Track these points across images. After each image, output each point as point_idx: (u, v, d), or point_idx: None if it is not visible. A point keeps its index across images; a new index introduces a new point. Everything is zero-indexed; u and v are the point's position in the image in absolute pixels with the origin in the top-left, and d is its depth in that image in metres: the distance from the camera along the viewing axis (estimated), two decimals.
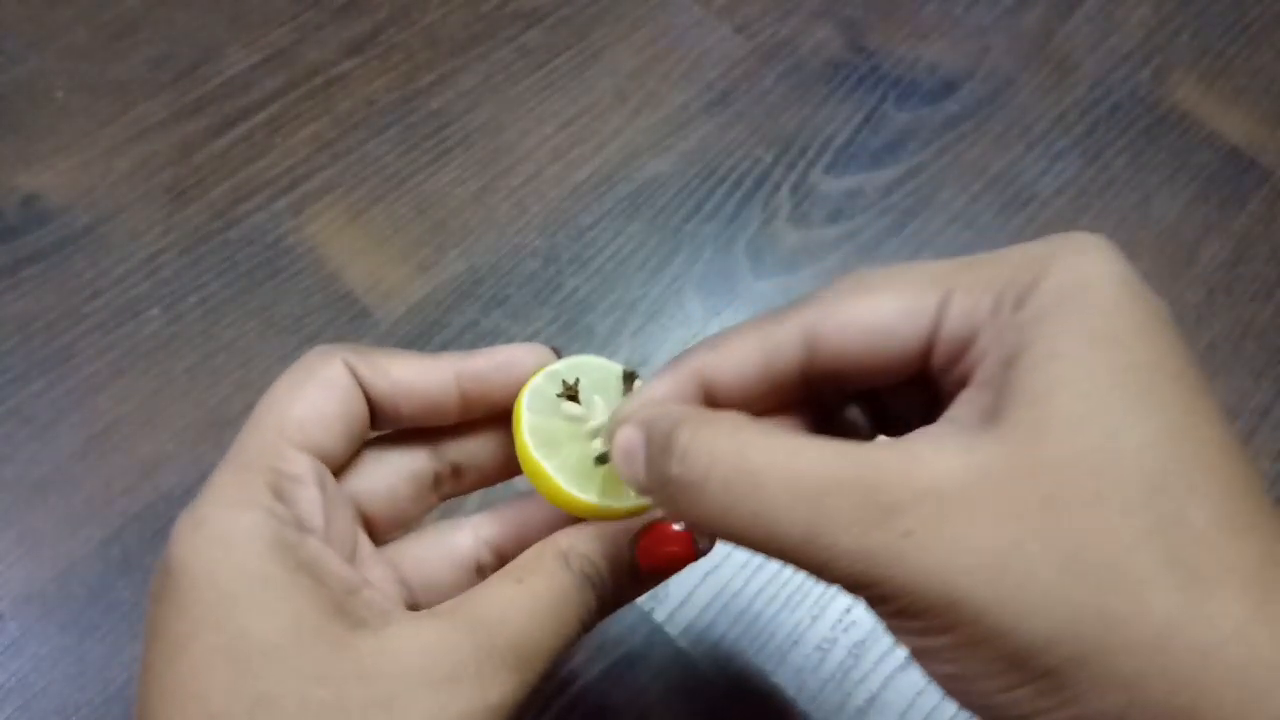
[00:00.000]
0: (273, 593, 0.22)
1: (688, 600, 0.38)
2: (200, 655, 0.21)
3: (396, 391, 0.26)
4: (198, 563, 0.22)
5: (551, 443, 0.27)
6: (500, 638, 0.23)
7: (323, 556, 0.23)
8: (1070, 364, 0.19)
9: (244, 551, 0.22)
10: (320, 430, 0.25)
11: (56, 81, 0.48)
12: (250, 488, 0.23)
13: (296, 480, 0.24)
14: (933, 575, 0.18)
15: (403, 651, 0.22)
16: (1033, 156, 0.50)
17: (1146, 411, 0.19)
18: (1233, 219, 0.48)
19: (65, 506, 0.38)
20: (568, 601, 0.24)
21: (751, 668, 0.37)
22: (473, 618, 0.23)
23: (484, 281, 0.44)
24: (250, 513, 0.23)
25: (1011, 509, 0.18)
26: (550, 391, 0.28)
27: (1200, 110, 0.52)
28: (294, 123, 0.48)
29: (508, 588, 0.24)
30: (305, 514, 0.24)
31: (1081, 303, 0.20)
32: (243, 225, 0.45)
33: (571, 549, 0.25)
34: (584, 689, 0.36)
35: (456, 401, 0.27)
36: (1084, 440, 0.18)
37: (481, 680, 0.22)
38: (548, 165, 0.48)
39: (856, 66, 0.52)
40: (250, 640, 0.21)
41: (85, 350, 0.41)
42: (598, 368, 0.29)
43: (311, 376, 0.25)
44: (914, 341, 0.21)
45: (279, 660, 0.21)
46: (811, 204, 0.47)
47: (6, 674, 0.35)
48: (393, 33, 0.51)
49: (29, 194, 0.45)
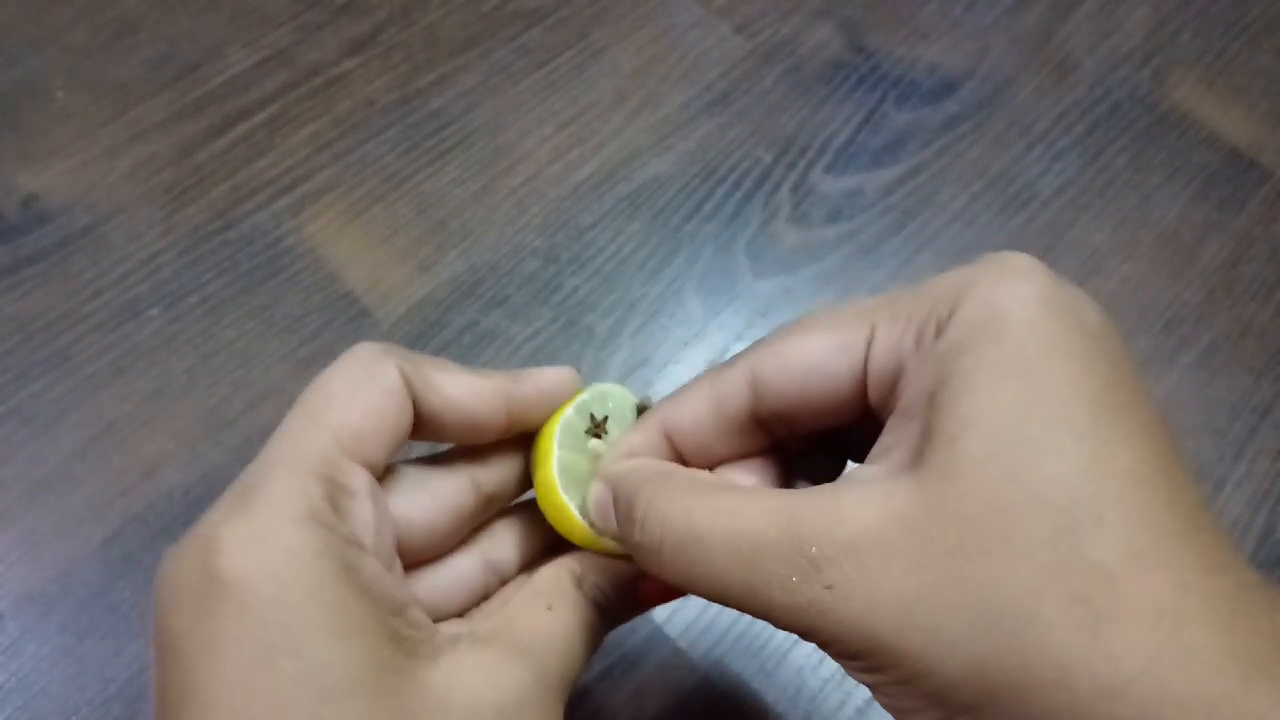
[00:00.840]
0: (348, 620, 0.20)
1: (688, 600, 0.38)
2: (277, 684, 0.19)
3: (447, 409, 0.25)
4: (264, 579, 0.20)
5: (578, 481, 0.27)
6: (550, 667, 0.23)
7: (379, 577, 0.22)
8: (980, 399, 0.19)
9: (315, 572, 0.20)
10: (375, 443, 0.24)
11: (56, 81, 0.48)
12: (311, 499, 0.21)
13: (353, 495, 0.23)
14: (855, 624, 0.19)
15: (471, 686, 0.22)
16: (1033, 156, 0.50)
17: (1054, 445, 0.19)
18: (1233, 219, 0.48)
19: (65, 506, 0.38)
20: (589, 628, 0.25)
21: (751, 668, 0.37)
22: (522, 647, 0.23)
23: (484, 281, 0.44)
24: (314, 527, 0.21)
25: (924, 557, 0.19)
26: (580, 427, 0.28)
27: (1200, 110, 0.52)
28: (294, 123, 0.48)
29: (542, 616, 0.24)
30: (360, 531, 0.23)
31: (993, 332, 0.20)
32: (243, 225, 0.45)
33: (585, 577, 0.25)
34: (584, 689, 0.36)
35: (501, 426, 0.26)
36: (991, 481, 0.19)
37: (544, 710, 0.22)
38: (548, 165, 0.48)
39: (856, 66, 0.52)
40: (331, 672, 0.20)
41: (85, 350, 0.41)
42: (616, 396, 0.29)
43: (369, 381, 0.24)
44: (847, 378, 0.22)
45: (360, 695, 0.20)
46: (811, 204, 0.47)
47: (6, 674, 0.35)
48: (393, 33, 0.51)
49: (29, 194, 0.45)
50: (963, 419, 0.19)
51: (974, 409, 0.19)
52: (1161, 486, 0.19)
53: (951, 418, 0.19)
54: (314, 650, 0.20)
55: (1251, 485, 0.41)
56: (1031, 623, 0.18)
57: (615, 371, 0.42)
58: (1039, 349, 0.19)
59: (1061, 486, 0.18)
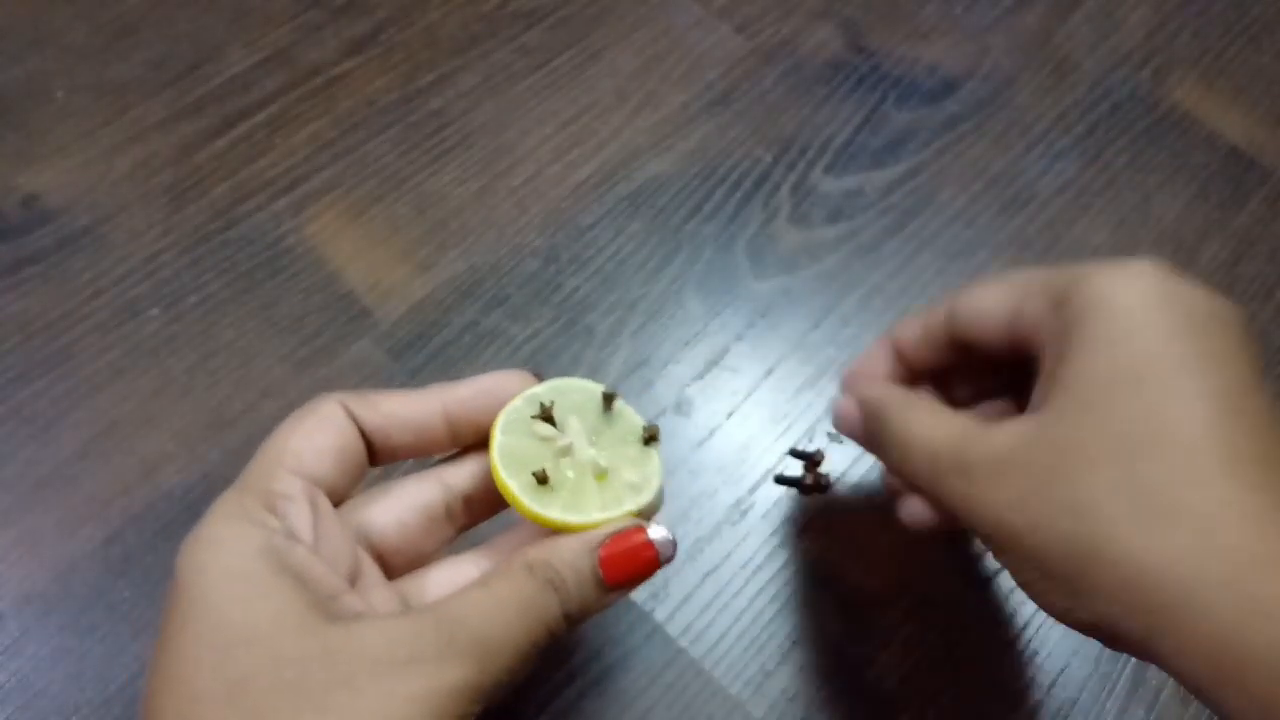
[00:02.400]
0: (257, 587, 0.24)
1: (688, 600, 0.38)
2: (187, 643, 0.24)
3: (388, 422, 0.29)
4: (192, 567, 0.25)
5: (520, 461, 0.29)
6: (462, 631, 0.25)
7: (309, 562, 0.25)
8: (1081, 362, 0.27)
9: (232, 554, 0.25)
10: (314, 458, 0.27)
11: (56, 81, 0.48)
12: (245, 504, 0.26)
13: (287, 498, 0.26)
14: (988, 512, 0.27)
15: (367, 638, 0.24)
16: (1033, 156, 0.50)
17: (1131, 399, 0.26)
18: (1233, 219, 0.48)
19: (65, 506, 0.38)
20: (530, 605, 0.26)
21: (752, 667, 0.37)
22: (438, 614, 0.25)
23: (484, 281, 0.44)
24: (242, 523, 0.25)
25: (1034, 470, 0.26)
26: (526, 413, 0.30)
27: (1200, 110, 0.52)
28: (294, 123, 0.48)
29: (474, 591, 0.26)
30: (296, 527, 0.26)
31: (1101, 312, 0.27)
32: (243, 225, 0.45)
33: (536, 559, 0.27)
34: (584, 689, 0.36)
35: (445, 430, 0.30)
36: (1085, 422, 0.26)
37: (440, 665, 0.24)
38: (548, 165, 0.48)
39: (856, 66, 0.52)
40: (231, 629, 0.23)
41: (85, 350, 0.41)
42: (578, 389, 0.31)
43: (308, 415, 0.28)
44: (1002, 324, 0.30)
45: (256, 646, 0.23)
46: (811, 204, 0.47)
47: (6, 674, 0.35)
48: (393, 33, 0.51)
49: (29, 194, 0.45)
50: (1073, 375, 0.27)
51: (1082, 369, 0.27)
52: (1216, 430, 0.25)
53: (1065, 374, 0.27)
54: (220, 614, 0.24)
55: None
56: (1098, 518, 0.25)
57: (615, 371, 0.42)
58: (1136, 328, 0.26)
59: (1135, 429, 0.25)
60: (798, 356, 0.43)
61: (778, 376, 0.43)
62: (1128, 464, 0.25)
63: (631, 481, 0.29)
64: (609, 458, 0.30)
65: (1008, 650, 0.37)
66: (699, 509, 0.40)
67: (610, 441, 0.30)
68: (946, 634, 0.38)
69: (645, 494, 0.29)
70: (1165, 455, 0.25)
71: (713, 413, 0.42)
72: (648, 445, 0.31)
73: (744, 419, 0.42)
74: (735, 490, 0.40)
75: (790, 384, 0.43)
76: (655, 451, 0.31)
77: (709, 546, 0.39)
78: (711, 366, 0.43)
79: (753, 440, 0.41)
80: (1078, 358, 0.26)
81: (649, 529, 0.28)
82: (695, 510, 0.40)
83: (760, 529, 0.39)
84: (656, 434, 0.31)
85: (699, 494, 0.40)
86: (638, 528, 0.28)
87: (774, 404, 0.42)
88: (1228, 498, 0.24)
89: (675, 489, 0.40)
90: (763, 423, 0.42)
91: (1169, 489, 0.24)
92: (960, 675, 0.37)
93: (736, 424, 0.42)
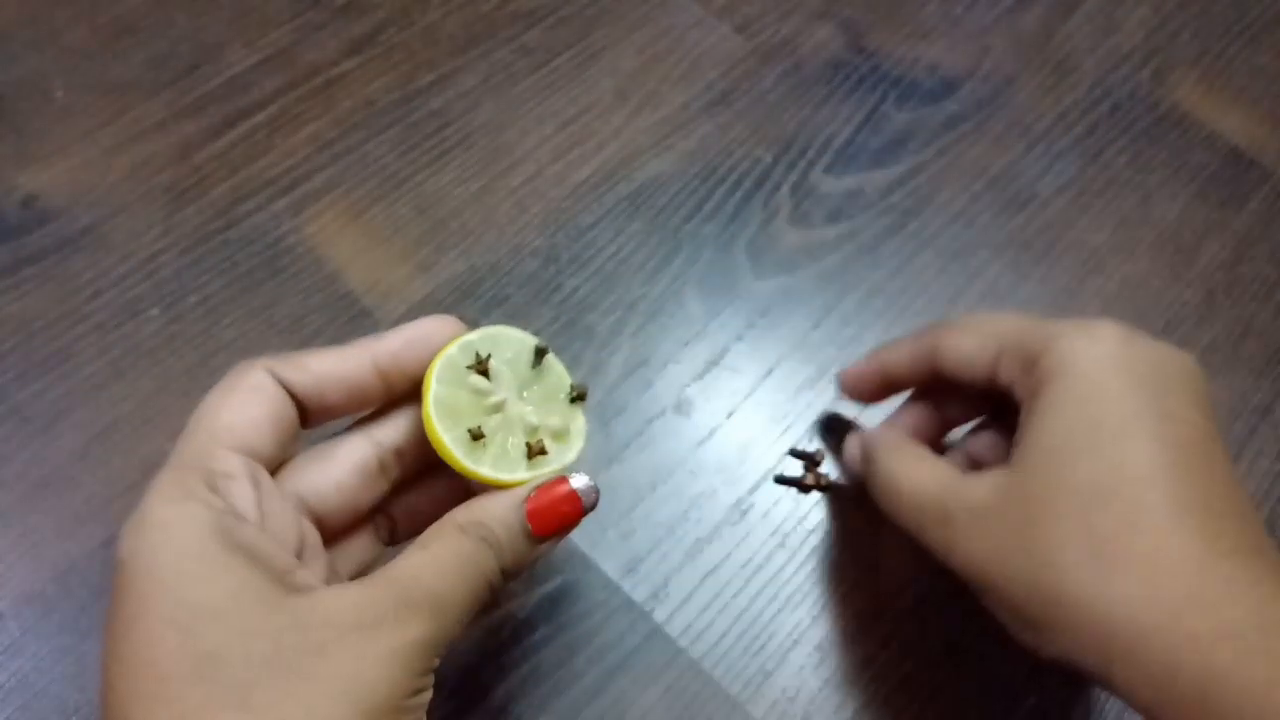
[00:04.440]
0: (212, 565, 0.24)
1: (688, 600, 0.38)
2: (148, 626, 0.23)
3: (320, 383, 0.29)
4: (141, 550, 0.24)
5: (454, 414, 0.29)
6: (414, 591, 0.26)
7: (258, 541, 0.25)
8: (1047, 420, 0.29)
9: (183, 535, 0.24)
10: (250, 431, 0.27)
11: (56, 81, 0.48)
12: (187, 484, 0.25)
13: (229, 477, 0.26)
14: (967, 559, 0.30)
15: (331, 607, 0.25)
16: (1033, 156, 0.50)
17: (1088, 455, 0.28)
18: (1233, 219, 0.48)
19: (65, 506, 0.38)
20: (468, 561, 0.27)
21: (752, 668, 0.37)
22: (389, 578, 0.26)
23: (484, 281, 0.44)
24: (188, 504, 0.25)
25: (1007, 520, 0.29)
26: (461, 363, 0.30)
27: (1200, 110, 0.52)
28: (294, 123, 0.48)
29: (416, 554, 0.27)
30: (240, 507, 0.26)
31: (1065, 375, 0.29)
32: (243, 225, 0.45)
33: (467, 519, 0.28)
34: (584, 689, 0.36)
35: (378, 383, 0.30)
36: (1047, 477, 0.29)
37: (400, 624, 0.25)
38: (548, 165, 0.48)
39: (856, 66, 0.52)
40: (193, 607, 0.23)
41: (85, 350, 0.41)
42: (512, 340, 0.31)
43: (236, 385, 0.28)
44: (982, 369, 0.33)
45: (221, 621, 0.23)
46: (811, 204, 0.47)
47: (6, 674, 0.35)
48: (393, 33, 0.51)
49: (29, 194, 0.45)
50: (1037, 432, 0.29)
51: (1043, 426, 0.29)
52: (1164, 481, 0.27)
53: (1031, 431, 0.30)
54: (179, 594, 0.24)
55: (1251, 485, 0.41)
56: (1059, 566, 0.27)
57: (615, 371, 0.42)
58: (1093, 391, 0.29)
59: (1085, 480, 0.28)
60: (798, 356, 0.43)
61: (778, 376, 0.43)
62: (1083, 515, 0.27)
63: (556, 434, 0.30)
64: (537, 414, 0.30)
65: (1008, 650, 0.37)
66: (699, 509, 0.40)
67: (538, 396, 0.31)
68: (946, 634, 0.38)
69: (569, 453, 0.30)
70: (1116, 506, 0.27)
71: (713, 413, 0.42)
72: (574, 404, 0.31)
73: (744, 419, 0.42)
74: (735, 490, 0.40)
75: (790, 384, 0.43)
76: (580, 410, 0.31)
77: (709, 546, 0.39)
78: (711, 366, 0.43)
79: (753, 440, 0.41)
80: (1044, 416, 0.29)
81: (571, 479, 0.29)
82: (695, 510, 0.40)
83: (760, 529, 0.39)
84: (584, 393, 0.31)
85: (699, 494, 0.40)
86: (561, 478, 0.29)
87: (774, 404, 0.42)
88: (1170, 545, 0.26)
89: (675, 489, 0.40)
90: (763, 423, 0.42)
91: (1119, 538, 0.27)
92: (960, 675, 0.37)
93: (736, 424, 0.42)
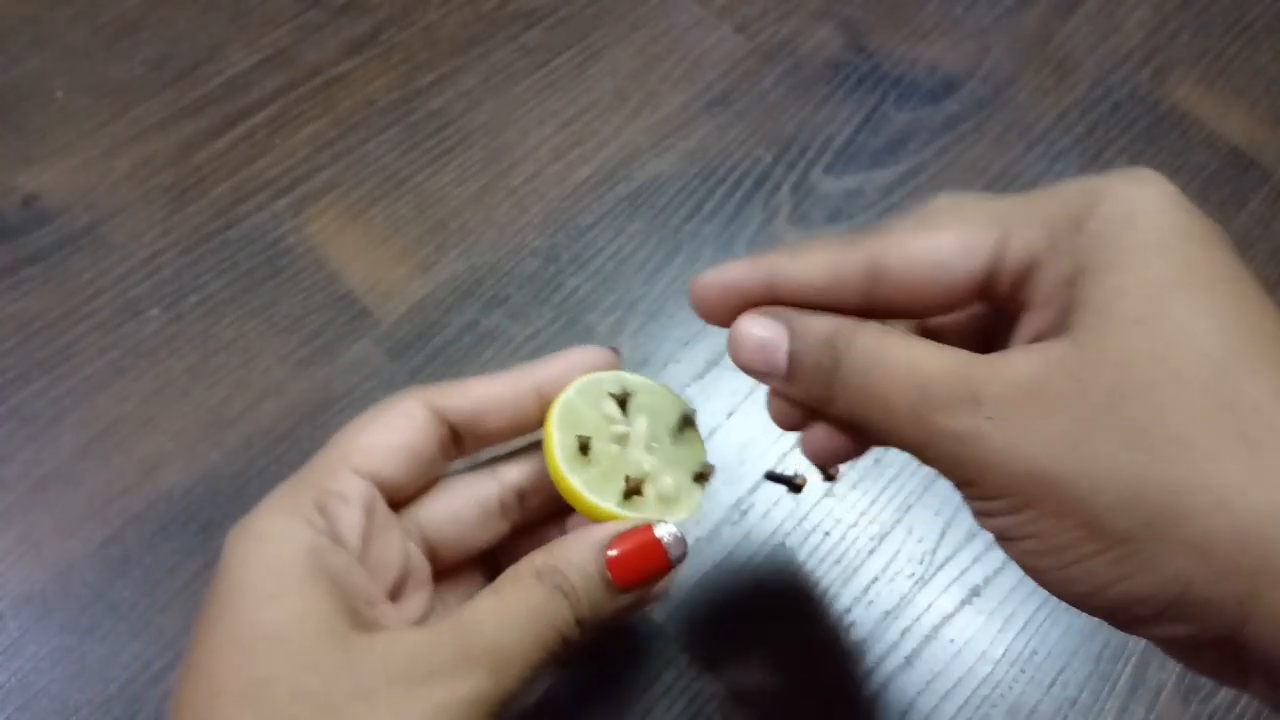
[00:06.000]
0: (290, 587, 0.24)
1: (688, 600, 0.38)
2: (216, 639, 0.24)
3: (481, 409, 0.28)
4: (235, 556, 0.25)
5: (575, 423, 0.28)
6: (476, 642, 0.24)
7: (349, 568, 0.25)
8: (1130, 274, 0.21)
9: (275, 550, 0.24)
10: (381, 456, 0.27)
11: (56, 81, 0.48)
12: (297, 499, 0.26)
13: (342, 499, 0.26)
14: (1010, 453, 0.21)
15: (389, 651, 0.24)
16: (1033, 156, 0.50)
17: (1204, 309, 0.20)
18: (1233, 219, 0.48)
19: (65, 506, 0.38)
20: (538, 611, 0.25)
21: (752, 668, 0.37)
22: (454, 625, 0.25)
23: (484, 281, 0.44)
24: (290, 518, 0.25)
25: (1082, 396, 0.20)
26: (604, 387, 0.29)
27: (1200, 110, 0.52)
28: (294, 123, 0.48)
29: (486, 599, 0.26)
30: (343, 531, 0.26)
31: (1136, 222, 0.22)
32: (243, 225, 0.45)
33: (544, 565, 0.26)
34: (585, 689, 0.36)
35: (537, 409, 0.29)
36: (1148, 335, 0.20)
37: (456, 677, 0.24)
38: (548, 165, 0.48)
39: (856, 66, 0.52)
40: (258, 627, 0.23)
41: (85, 350, 0.41)
42: (664, 397, 0.31)
43: (386, 410, 0.28)
44: (970, 275, 0.24)
45: (279, 648, 0.23)
46: (811, 204, 0.47)
47: (6, 674, 0.35)
48: (393, 33, 0.51)
49: (29, 194, 0.45)
50: (1114, 289, 0.21)
51: (1125, 281, 0.21)
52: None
53: (1101, 290, 0.21)
54: (251, 612, 0.24)
55: None
56: (1191, 451, 0.19)
57: None
58: (1179, 236, 0.22)
59: (1218, 340, 0.20)
60: None
61: None
62: (1224, 383, 0.20)
63: (664, 496, 0.29)
64: (654, 466, 0.29)
65: (1007, 650, 0.37)
66: None
67: (665, 458, 0.30)
68: (946, 634, 0.38)
69: (669, 514, 0.28)
70: (1261, 373, 0.20)
71: (713, 413, 0.42)
72: (695, 481, 0.30)
73: (744, 419, 0.42)
74: (735, 490, 0.40)
75: None
76: (699, 490, 0.30)
77: (709, 546, 0.39)
78: (711, 366, 0.43)
79: (753, 440, 0.41)
80: (1123, 272, 0.21)
81: (656, 527, 0.27)
82: None
83: (760, 529, 0.39)
84: (709, 474, 0.30)
85: None
86: (645, 526, 0.27)
87: None
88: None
89: None
90: (763, 423, 0.42)
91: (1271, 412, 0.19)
92: (960, 675, 0.37)
93: (736, 424, 0.42)
